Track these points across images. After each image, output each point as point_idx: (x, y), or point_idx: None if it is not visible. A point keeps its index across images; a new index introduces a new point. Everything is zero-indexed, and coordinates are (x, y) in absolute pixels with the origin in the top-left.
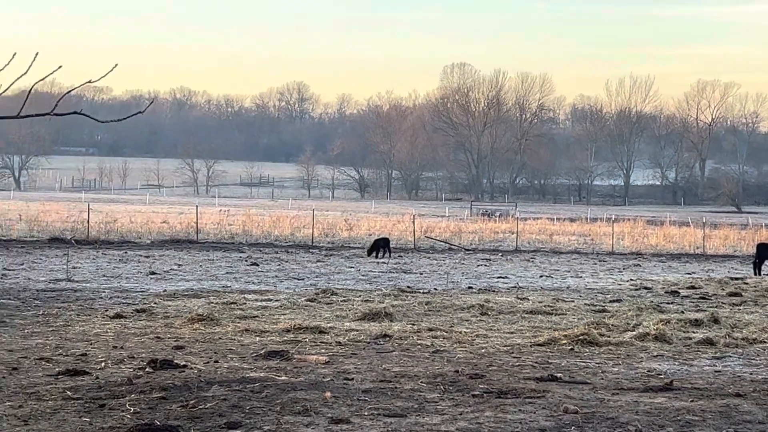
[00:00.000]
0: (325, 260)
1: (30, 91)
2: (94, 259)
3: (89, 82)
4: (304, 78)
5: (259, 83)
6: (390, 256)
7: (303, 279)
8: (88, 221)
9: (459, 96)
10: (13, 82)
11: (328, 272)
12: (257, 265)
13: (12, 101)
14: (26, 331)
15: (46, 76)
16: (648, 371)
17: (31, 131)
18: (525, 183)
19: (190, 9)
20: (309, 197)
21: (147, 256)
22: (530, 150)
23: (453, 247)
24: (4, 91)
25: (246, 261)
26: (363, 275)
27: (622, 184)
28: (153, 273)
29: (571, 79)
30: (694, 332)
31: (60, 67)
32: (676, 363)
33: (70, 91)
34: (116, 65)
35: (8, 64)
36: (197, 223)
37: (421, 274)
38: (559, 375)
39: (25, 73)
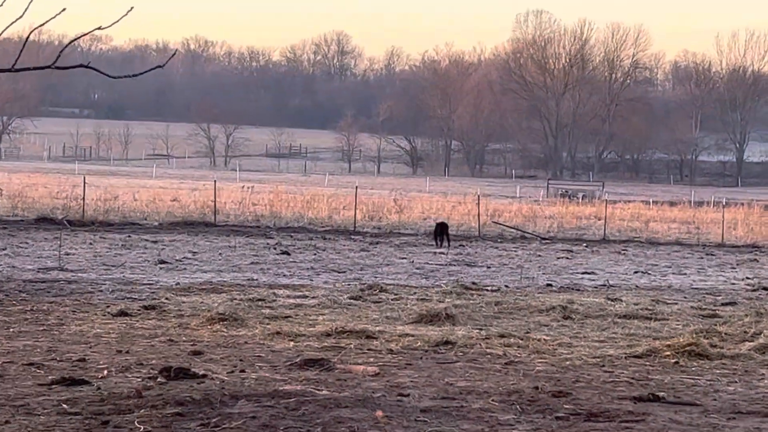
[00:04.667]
0: (371, 249)
1: (27, 39)
2: (91, 243)
3: (99, 28)
4: (344, 27)
5: (291, 33)
6: (449, 245)
7: (344, 272)
8: (83, 198)
9: (534, 50)
10: (6, 27)
11: (374, 264)
12: (288, 254)
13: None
14: (12, 330)
15: (47, 21)
16: None
17: (14, 88)
18: (614, 158)
19: None
20: (350, 172)
21: (155, 242)
22: (621, 117)
23: (526, 235)
24: None
25: (275, 249)
26: (417, 268)
27: (734, 160)
28: (163, 262)
29: (673, 31)
30: None
31: (64, 9)
32: None
33: (77, 39)
34: (131, 9)
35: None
36: (215, 201)
37: (489, 267)
38: (661, 394)
39: (21, 16)
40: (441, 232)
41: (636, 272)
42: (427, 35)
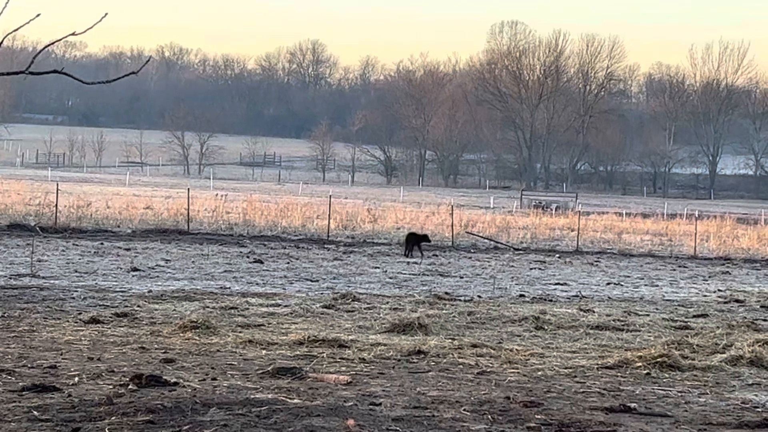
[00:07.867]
0: (344, 258)
1: (0, 44)
2: (63, 250)
3: (73, 34)
4: (320, 36)
5: (266, 41)
6: (422, 255)
7: (317, 280)
8: (56, 205)
9: (509, 61)
10: None
11: (347, 273)
12: (261, 262)
13: None
14: None
15: (21, 26)
16: (742, 403)
17: None
18: (588, 169)
19: None
20: (324, 181)
21: (128, 249)
22: (595, 129)
23: (500, 245)
24: None
25: (248, 257)
26: (390, 277)
27: (707, 173)
28: (135, 269)
29: (647, 43)
30: None
31: (38, 15)
32: None
33: (51, 44)
34: (106, 14)
35: None
36: (188, 209)
37: (462, 277)
38: (632, 405)
39: None
40: (415, 242)
41: (608, 283)
42: (403, 45)
